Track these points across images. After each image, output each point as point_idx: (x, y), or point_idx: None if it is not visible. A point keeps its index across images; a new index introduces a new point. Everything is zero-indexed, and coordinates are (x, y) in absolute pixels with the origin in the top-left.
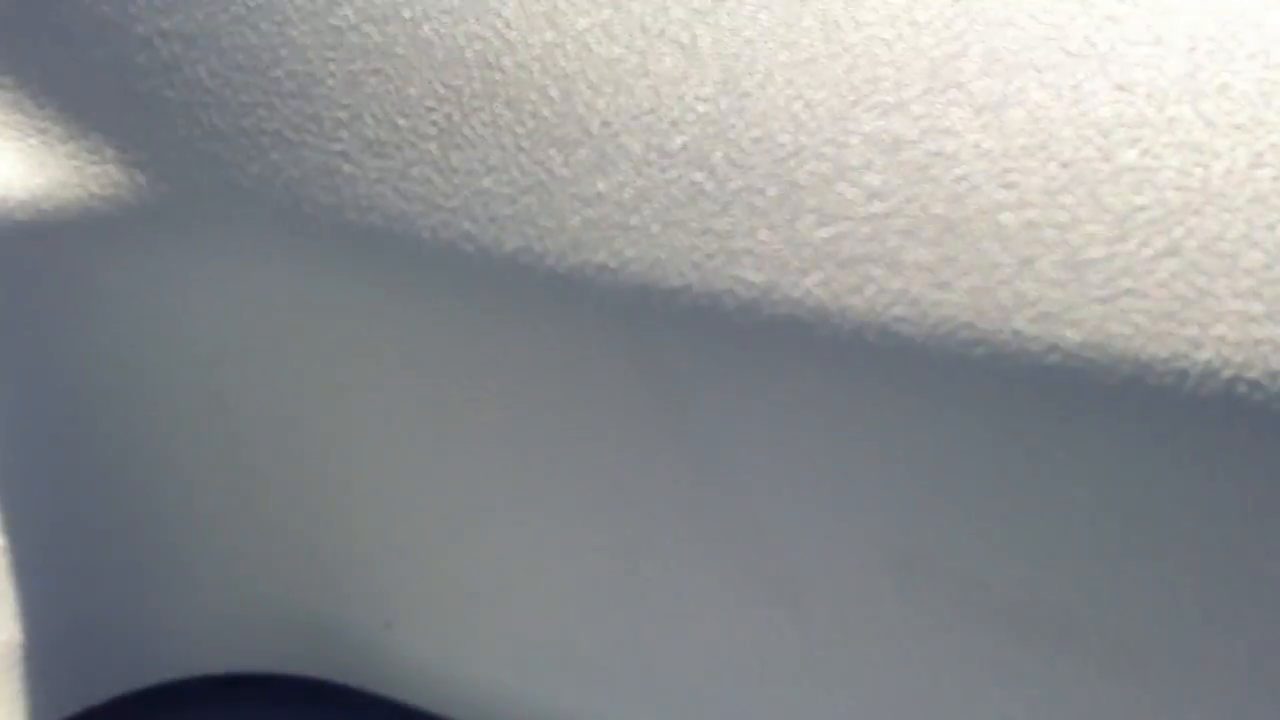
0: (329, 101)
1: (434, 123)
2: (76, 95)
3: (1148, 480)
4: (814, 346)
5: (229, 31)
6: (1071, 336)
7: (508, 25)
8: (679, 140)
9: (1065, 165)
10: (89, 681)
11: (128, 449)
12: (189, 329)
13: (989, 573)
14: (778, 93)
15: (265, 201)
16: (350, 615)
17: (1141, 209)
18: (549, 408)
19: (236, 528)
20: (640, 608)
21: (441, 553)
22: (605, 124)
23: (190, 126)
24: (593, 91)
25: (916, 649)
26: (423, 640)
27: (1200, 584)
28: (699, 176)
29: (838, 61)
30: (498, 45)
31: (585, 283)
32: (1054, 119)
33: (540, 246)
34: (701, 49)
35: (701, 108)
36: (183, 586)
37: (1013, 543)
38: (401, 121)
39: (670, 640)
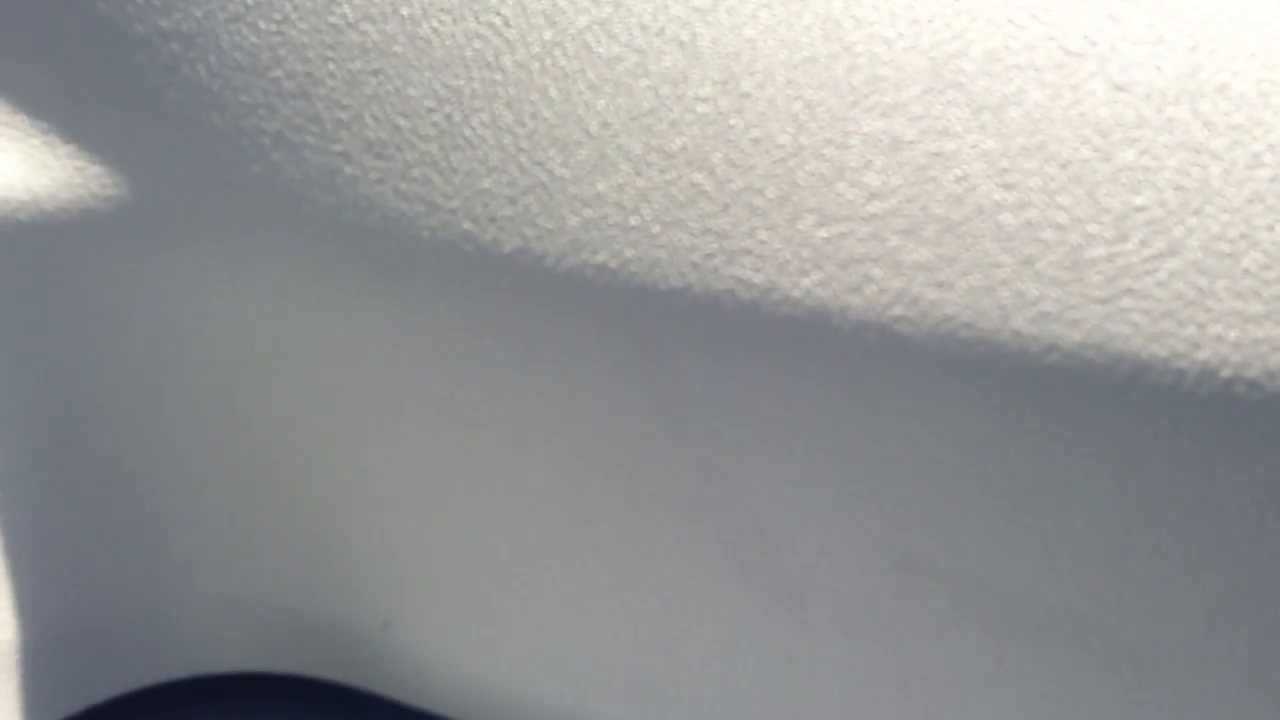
0: (329, 102)
1: (434, 123)
2: (77, 95)
3: (1147, 480)
4: (814, 346)
5: (229, 31)
6: (1071, 336)
7: (507, 25)
8: (679, 140)
9: (1064, 165)
10: (89, 681)
11: (127, 449)
12: (189, 329)
13: (989, 573)
14: (778, 93)
15: (265, 202)
16: (350, 615)
17: (1141, 209)
18: (549, 407)
19: (237, 528)
20: (640, 607)
21: (441, 553)
22: (605, 124)
23: (191, 127)
24: (593, 91)
25: (917, 649)
26: (422, 640)
27: (1200, 584)
28: (699, 176)
29: (838, 61)
30: (498, 45)
31: (585, 283)
32: (1053, 119)
33: (540, 247)
34: (701, 49)
35: (701, 108)
36: (183, 586)
37: (1012, 542)
38: (401, 122)
39: (670, 640)
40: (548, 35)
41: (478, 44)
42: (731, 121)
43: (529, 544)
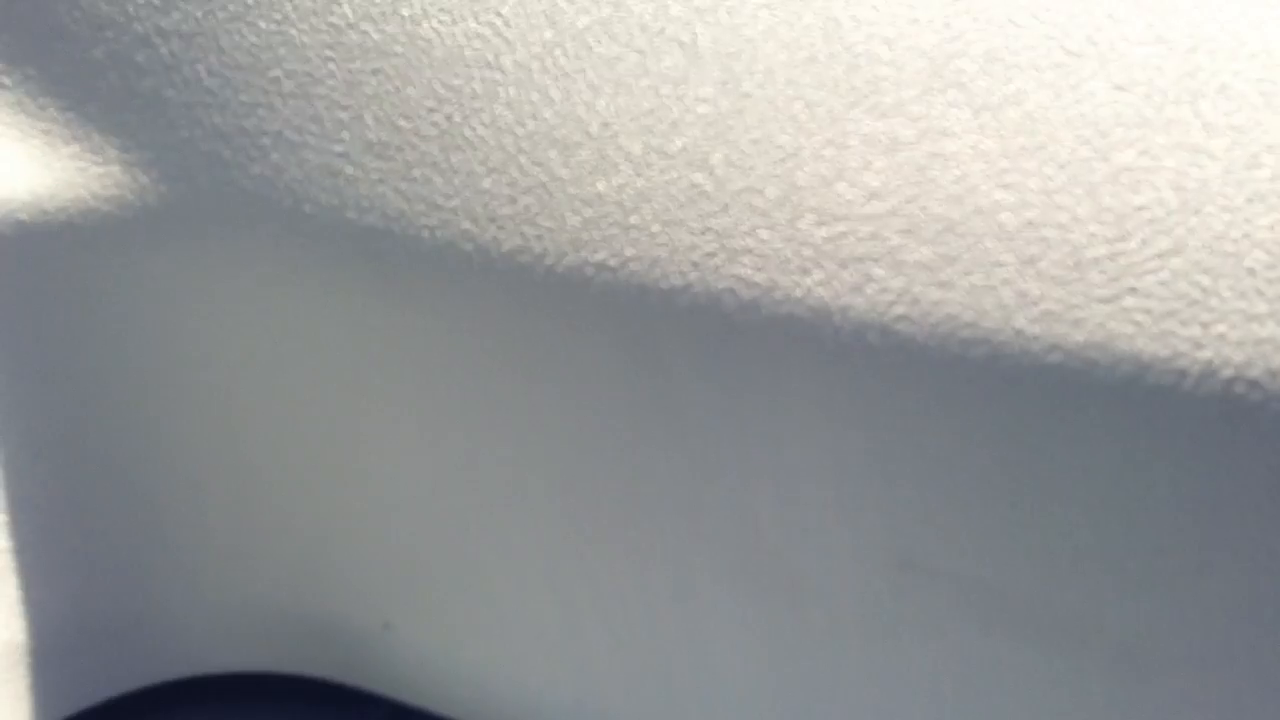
0: (329, 102)
1: (434, 123)
2: (78, 95)
3: (1148, 479)
4: (814, 346)
5: (229, 31)
6: (1073, 336)
7: (507, 25)
8: (679, 140)
9: (1064, 165)
10: (89, 681)
11: (129, 449)
12: (190, 328)
13: (989, 572)
14: (778, 93)
15: (266, 201)
16: (350, 615)
17: (1142, 208)
18: (549, 407)
19: (237, 528)
20: (639, 608)
21: (441, 553)
22: (605, 124)
23: (192, 127)
24: (593, 92)
25: (916, 649)
26: (422, 640)
27: (1201, 583)
28: (699, 176)
29: (838, 61)
30: (498, 45)
31: (585, 282)
32: (1053, 119)
33: (540, 246)
34: (701, 49)
35: (702, 108)
36: (183, 586)
37: (1012, 542)
38: (402, 122)
39: (669, 640)
40: (548, 35)
41: (478, 44)
42: (731, 122)
43: (529, 544)
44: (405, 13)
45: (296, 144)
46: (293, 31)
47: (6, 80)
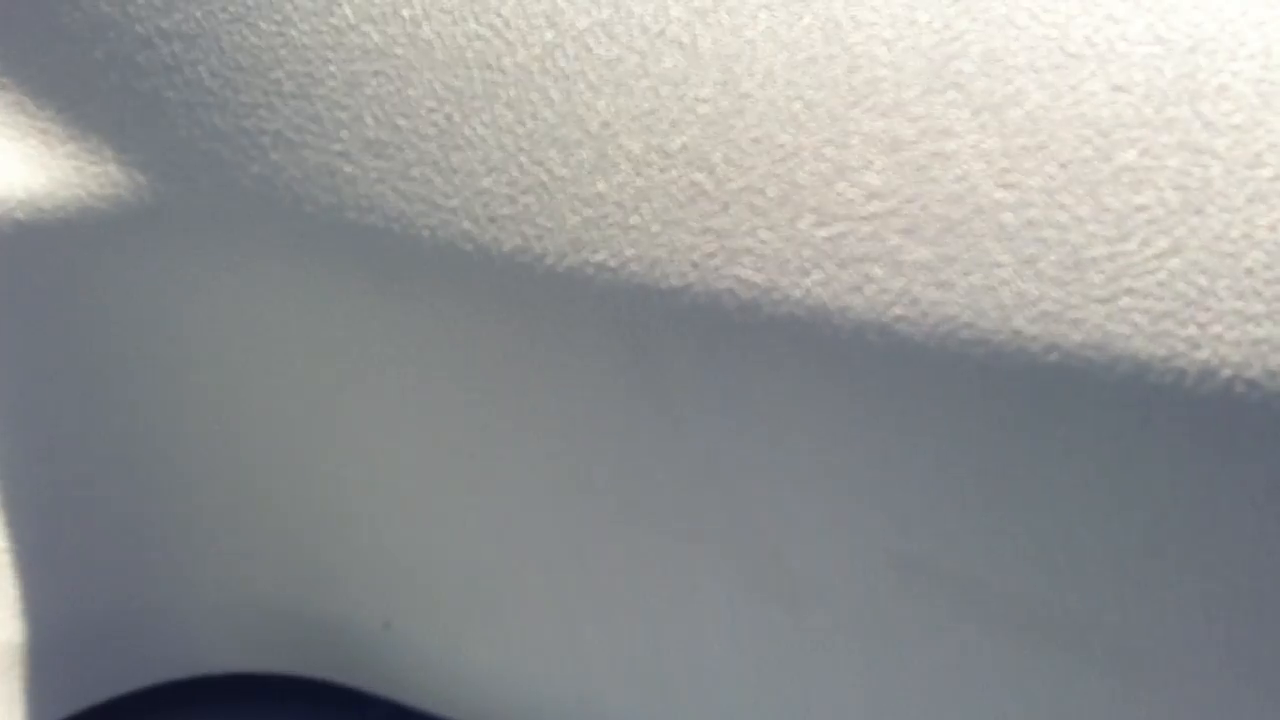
0: (329, 102)
1: (434, 123)
2: (77, 95)
3: (1147, 479)
4: (814, 346)
5: (229, 31)
6: (1072, 336)
7: (507, 25)
8: (679, 140)
9: (1065, 165)
10: (89, 681)
11: (128, 449)
12: (189, 329)
13: (989, 573)
14: (778, 93)
15: (266, 202)
16: (350, 615)
17: (1141, 209)
18: (549, 407)
19: (237, 527)
20: (639, 608)
21: (441, 553)
22: (605, 124)
23: (191, 126)
24: (593, 91)
25: (916, 649)
26: (422, 640)
27: (1200, 583)
28: (699, 176)
29: (838, 61)
30: (498, 45)
31: (585, 282)
32: (1053, 119)
33: (540, 246)
34: (701, 49)
35: (701, 108)
36: (183, 586)
37: (1012, 542)
38: (402, 122)
39: (670, 640)
40: (548, 36)
41: (478, 45)
42: (732, 121)
43: (529, 544)
44: (406, 14)
45: (296, 144)
46: (293, 32)
47: (5, 80)
